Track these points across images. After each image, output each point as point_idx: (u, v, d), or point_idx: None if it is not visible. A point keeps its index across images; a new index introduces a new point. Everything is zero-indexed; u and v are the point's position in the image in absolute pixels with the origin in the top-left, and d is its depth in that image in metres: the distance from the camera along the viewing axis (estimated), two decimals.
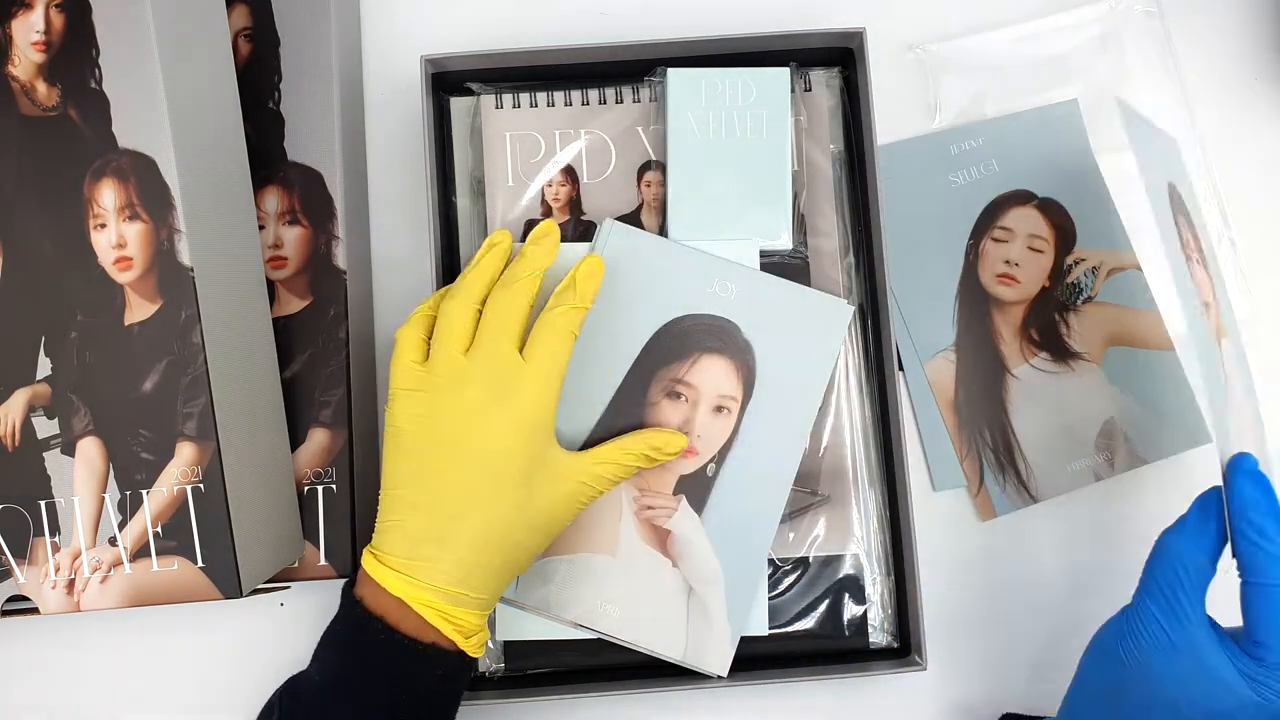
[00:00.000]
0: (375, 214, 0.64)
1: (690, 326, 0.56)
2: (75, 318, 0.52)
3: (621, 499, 0.56)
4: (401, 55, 0.64)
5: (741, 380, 0.56)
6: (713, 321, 0.56)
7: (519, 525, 0.49)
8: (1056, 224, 0.63)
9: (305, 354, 0.59)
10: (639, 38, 0.58)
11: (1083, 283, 0.63)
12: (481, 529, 0.48)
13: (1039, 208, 0.63)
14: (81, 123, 0.51)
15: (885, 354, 0.58)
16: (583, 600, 0.56)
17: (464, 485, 0.48)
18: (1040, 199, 0.63)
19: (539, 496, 0.49)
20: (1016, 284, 0.63)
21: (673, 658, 0.56)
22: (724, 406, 0.56)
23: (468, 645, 0.50)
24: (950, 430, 0.62)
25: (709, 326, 0.56)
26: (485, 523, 0.48)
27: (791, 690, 0.60)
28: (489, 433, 0.48)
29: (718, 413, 0.56)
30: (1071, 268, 0.63)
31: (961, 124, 0.64)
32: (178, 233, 0.51)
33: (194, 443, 0.52)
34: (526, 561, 0.51)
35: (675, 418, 0.56)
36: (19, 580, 0.53)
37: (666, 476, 0.56)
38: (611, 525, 0.56)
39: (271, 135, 0.59)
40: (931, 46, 0.65)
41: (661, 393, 0.56)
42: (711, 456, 0.56)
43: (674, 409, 0.56)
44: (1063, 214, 0.63)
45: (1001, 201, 0.63)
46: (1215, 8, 0.66)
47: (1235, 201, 0.64)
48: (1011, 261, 0.63)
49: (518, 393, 0.49)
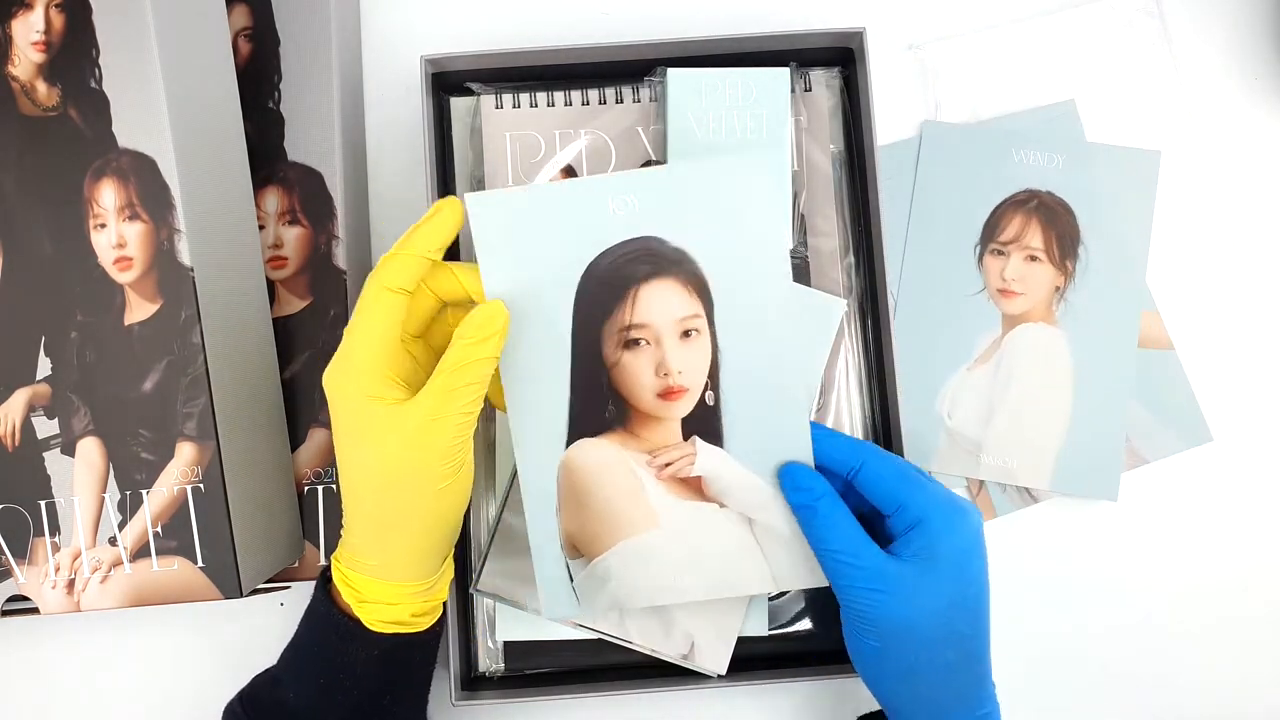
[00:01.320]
0: (375, 214, 0.64)
1: (607, 265, 0.49)
2: (75, 318, 0.52)
3: (636, 472, 0.51)
4: (401, 55, 0.65)
5: (694, 291, 0.49)
6: (631, 246, 0.49)
7: (373, 486, 0.47)
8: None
9: (305, 354, 0.59)
10: (639, 38, 0.58)
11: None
12: (346, 492, 0.48)
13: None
14: (81, 123, 0.51)
15: (885, 354, 0.58)
16: (652, 582, 0.52)
17: (337, 452, 0.48)
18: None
19: (381, 450, 0.46)
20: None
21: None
22: (689, 329, 0.50)
23: (362, 612, 0.49)
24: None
25: (630, 254, 0.49)
26: (344, 484, 0.48)
27: (791, 690, 0.60)
28: (328, 400, 0.48)
29: (686, 338, 0.50)
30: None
31: (961, 124, 0.64)
32: (178, 233, 0.51)
33: (194, 443, 0.52)
34: (412, 525, 0.47)
35: (646, 367, 0.50)
36: (19, 580, 0.53)
37: (668, 426, 0.51)
38: (640, 502, 0.51)
39: (271, 135, 0.59)
40: (931, 46, 0.65)
41: (617, 347, 0.50)
42: (704, 385, 0.50)
43: (639, 358, 0.50)
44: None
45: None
46: (1215, 8, 0.66)
47: (1235, 201, 0.64)
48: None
49: (337, 356, 0.47)
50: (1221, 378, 0.63)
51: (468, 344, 0.46)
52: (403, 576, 0.49)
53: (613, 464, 0.51)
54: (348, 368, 0.46)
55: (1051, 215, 0.63)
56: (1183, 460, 0.62)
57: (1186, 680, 0.61)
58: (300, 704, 0.50)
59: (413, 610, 0.50)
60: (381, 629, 0.49)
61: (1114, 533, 0.62)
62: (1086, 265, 0.62)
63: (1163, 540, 0.62)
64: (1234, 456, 0.62)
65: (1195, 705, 0.61)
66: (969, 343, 0.63)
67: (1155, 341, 0.63)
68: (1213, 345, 0.63)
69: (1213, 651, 0.61)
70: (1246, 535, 0.62)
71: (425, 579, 0.49)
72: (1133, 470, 0.62)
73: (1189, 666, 0.61)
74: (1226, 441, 0.62)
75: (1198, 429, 0.62)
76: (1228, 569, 0.62)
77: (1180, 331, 0.63)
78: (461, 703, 0.55)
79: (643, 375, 0.50)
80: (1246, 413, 0.63)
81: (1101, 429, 0.61)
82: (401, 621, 0.49)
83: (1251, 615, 0.61)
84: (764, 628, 0.57)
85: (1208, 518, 0.62)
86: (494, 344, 0.47)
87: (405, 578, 0.49)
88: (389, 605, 0.49)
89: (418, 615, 0.50)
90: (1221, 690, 0.61)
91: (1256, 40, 0.65)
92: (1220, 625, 0.61)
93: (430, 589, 0.50)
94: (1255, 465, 0.62)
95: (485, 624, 0.58)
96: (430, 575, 0.50)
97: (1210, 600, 0.62)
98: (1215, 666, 0.61)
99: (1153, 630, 0.61)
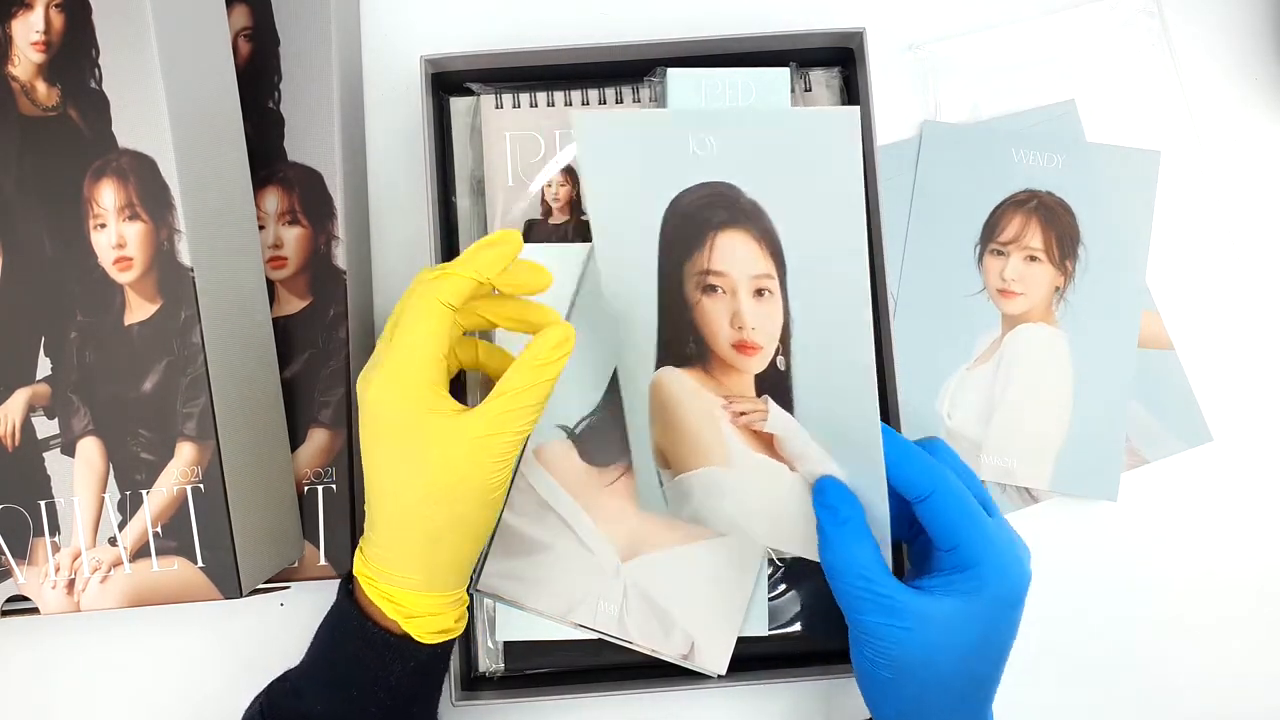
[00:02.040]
0: (375, 214, 0.64)
1: (688, 204, 0.48)
2: (75, 318, 0.52)
3: (713, 412, 0.51)
4: (401, 55, 0.65)
5: (768, 250, 0.48)
6: (706, 190, 0.48)
7: (421, 498, 0.46)
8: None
9: (305, 354, 0.59)
10: (639, 38, 0.58)
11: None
12: (389, 505, 0.47)
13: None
14: (81, 123, 0.51)
15: (885, 354, 0.58)
16: (727, 513, 0.52)
17: (370, 465, 0.48)
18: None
19: (432, 465, 0.46)
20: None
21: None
22: (762, 289, 0.49)
23: (411, 627, 0.48)
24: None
25: (707, 198, 0.48)
26: (384, 497, 0.47)
27: (791, 690, 0.60)
28: (367, 409, 0.47)
29: (759, 297, 0.49)
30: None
31: (960, 123, 0.64)
32: (178, 233, 0.51)
33: (194, 443, 0.52)
34: (459, 537, 0.48)
35: (722, 315, 0.49)
36: (19, 580, 0.53)
37: (744, 378, 0.50)
38: (717, 440, 0.51)
39: (271, 135, 0.59)
40: (931, 46, 0.65)
41: (696, 289, 0.50)
42: (775, 349, 0.49)
43: (716, 305, 0.49)
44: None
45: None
46: (1215, 8, 0.66)
47: (1235, 201, 0.64)
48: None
49: (381, 367, 0.46)
50: (1221, 378, 0.63)
51: (538, 365, 0.46)
52: (449, 587, 0.49)
53: (693, 398, 0.51)
54: (401, 380, 0.46)
55: (1051, 215, 0.63)
56: (1183, 460, 0.62)
57: (1186, 679, 0.61)
58: (328, 717, 0.49)
59: (455, 615, 0.50)
60: (433, 640, 0.49)
61: (1114, 533, 0.62)
62: (1086, 265, 0.62)
63: (1162, 540, 0.62)
64: (1234, 456, 0.62)
65: (1195, 704, 0.61)
66: (969, 342, 0.63)
67: (1155, 341, 0.63)
68: (1213, 345, 0.63)
69: (1213, 651, 0.61)
70: (1246, 535, 0.62)
71: (464, 586, 0.50)
72: (1133, 470, 0.62)
73: (1189, 666, 0.61)
74: (1226, 441, 0.62)
75: (1198, 429, 0.62)
76: (1228, 569, 0.62)
77: (1180, 331, 0.63)
78: (461, 703, 0.55)
79: (720, 322, 0.50)
80: (1246, 413, 0.63)
81: (1101, 429, 0.61)
82: (448, 629, 0.50)
83: (1252, 615, 0.61)
84: (764, 628, 0.57)
85: (1207, 518, 0.62)
86: (561, 365, 0.47)
87: (449, 587, 0.49)
88: (434, 616, 0.49)
89: (459, 619, 0.51)
90: (1221, 690, 0.61)
91: (1256, 40, 0.65)
92: (1220, 625, 0.61)
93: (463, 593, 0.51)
94: (1255, 465, 0.62)
95: (485, 624, 0.58)
96: (467, 581, 0.50)
97: (1210, 600, 0.62)
98: (1215, 666, 0.61)
99: (1153, 630, 0.61)
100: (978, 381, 0.62)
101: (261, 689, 0.52)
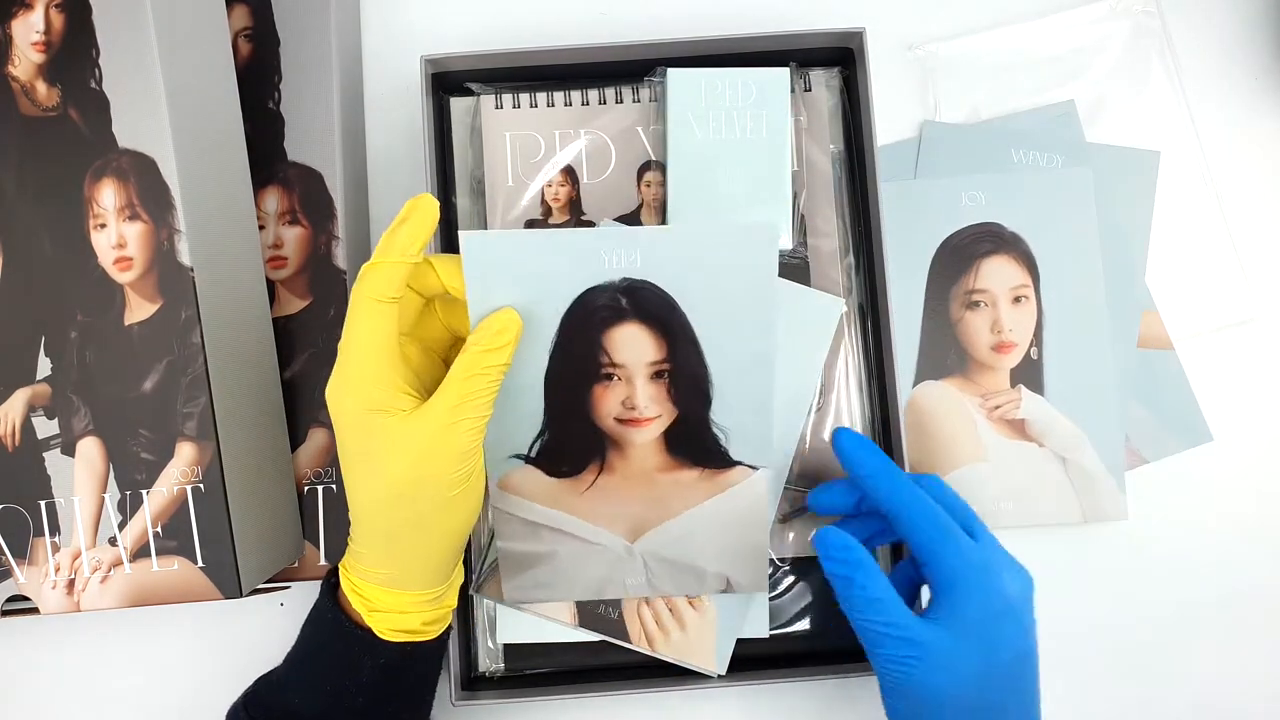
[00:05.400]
0: (375, 214, 0.64)
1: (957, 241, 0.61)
2: (75, 318, 0.52)
3: (970, 413, 0.61)
4: (401, 55, 0.65)
5: (1024, 266, 0.61)
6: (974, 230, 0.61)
7: (381, 498, 0.46)
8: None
9: (305, 354, 0.59)
10: (639, 38, 0.58)
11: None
12: (355, 503, 0.47)
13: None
14: (81, 123, 0.51)
15: (885, 354, 0.58)
16: (979, 506, 0.55)
17: (341, 465, 0.48)
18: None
19: (388, 466, 0.45)
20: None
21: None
22: (1019, 296, 0.61)
23: (374, 621, 0.48)
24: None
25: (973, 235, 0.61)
26: (351, 495, 0.47)
27: (791, 690, 0.60)
28: (331, 414, 0.47)
29: (1016, 303, 0.61)
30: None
31: (961, 123, 0.64)
32: (178, 233, 0.51)
33: (194, 443, 0.52)
34: (421, 535, 0.47)
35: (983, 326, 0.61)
36: (19, 580, 0.53)
37: (999, 376, 0.61)
38: (973, 438, 0.61)
39: (271, 135, 0.59)
40: (931, 46, 0.65)
41: (961, 307, 0.62)
42: (1029, 342, 0.61)
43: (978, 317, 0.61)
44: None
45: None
46: (1215, 7, 0.66)
47: (1235, 201, 0.64)
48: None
49: (335, 371, 0.46)
50: (1221, 378, 0.63)
51: (480, 351, 0.45)
52: (414, 586, 0.48)
53: (952, 404, 0.61)
54: (345, 382, 0.45)
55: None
56: (1183, 460, 0.62)
57: (1185, 679, 0.61)
58: (307, 710, 0.49)
59: (424, 619, 0.49)
60: (393, 638, 0.49)
61: (1113, 532, 0.62)
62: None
63: (1162, 540, 0.62)
64: (1234, 456, 0.62)
65: (1194, 704, 0.61)
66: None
67: (1155, 341, 0.63)
68: (1213, 345, 0.63)
69: (1212, 651, 0.61)
70: (1246, 535, 0.62)
71: (436, 587, 0.49)
72: (1133, 470, 0.62)
73: (1188, 666, 0.61)
74: (1226, 441, 0.62)
75: (1198, 429, 0.62)
76: (1228, 569, 0.62)
77: (1180, 331, 0.63)
78: (461, 703, 0.55)
79: (981, 332, 0.61)
80: (1246, 413, 0.63)
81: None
82: (413, 630, 0.49)
83: (1252, 615, 0.61)
84: (764, 628, 0.57)
85: (1207, 518, 0.62)
86: (507, 352, 0.46)
87: (417, 587, 0.48)
88: (400, 614, 0.49)
89: (429, 623, 0.50)
90: (1221, 689, 0.61)
91: (1256, 41, 0.65)
92: (1220, 625, 0.61)
93: (440, 597, 0.50)
94: (1255, 465, 0.62)
95: (485, 625, 0.58)
96: (441, 584, 0.49)
97: (1210, 600, 0.62)
98: (1214, 666, 0.61)
99: (1153, 630, 0.61)
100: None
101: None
